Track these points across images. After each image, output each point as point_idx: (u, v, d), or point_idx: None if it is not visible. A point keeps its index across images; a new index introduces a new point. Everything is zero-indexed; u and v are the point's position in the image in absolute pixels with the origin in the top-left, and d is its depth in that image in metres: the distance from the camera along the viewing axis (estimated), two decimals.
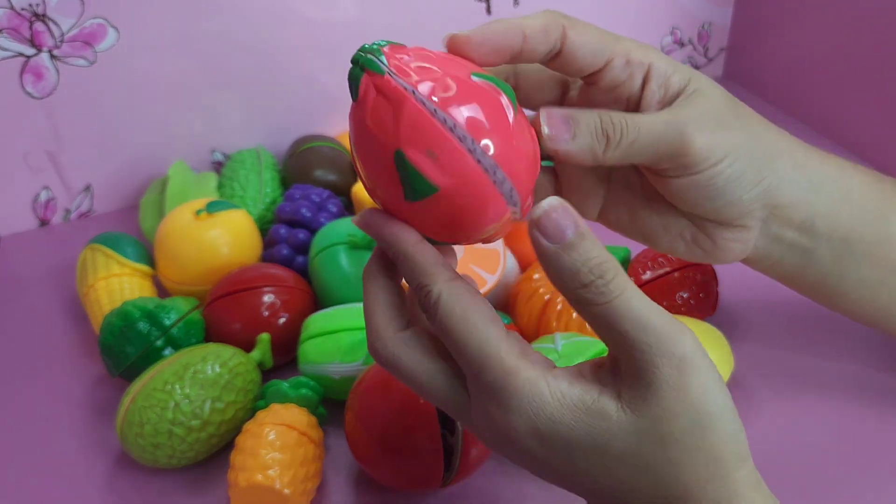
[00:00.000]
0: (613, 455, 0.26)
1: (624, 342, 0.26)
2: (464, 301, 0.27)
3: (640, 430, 0.26)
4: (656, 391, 0.25)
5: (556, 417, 0.26)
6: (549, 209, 0.26)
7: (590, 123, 0.30)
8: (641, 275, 0.51)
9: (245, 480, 0.38)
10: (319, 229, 0.55)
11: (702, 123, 0.32)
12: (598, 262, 0.26)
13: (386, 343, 0.29)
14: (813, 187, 0.36)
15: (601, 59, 0.32)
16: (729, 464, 0.27)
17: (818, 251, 0.37)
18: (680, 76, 0.33)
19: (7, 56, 0.59)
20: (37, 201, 0.67)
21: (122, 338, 0.47)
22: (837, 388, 0.48)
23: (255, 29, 0.65)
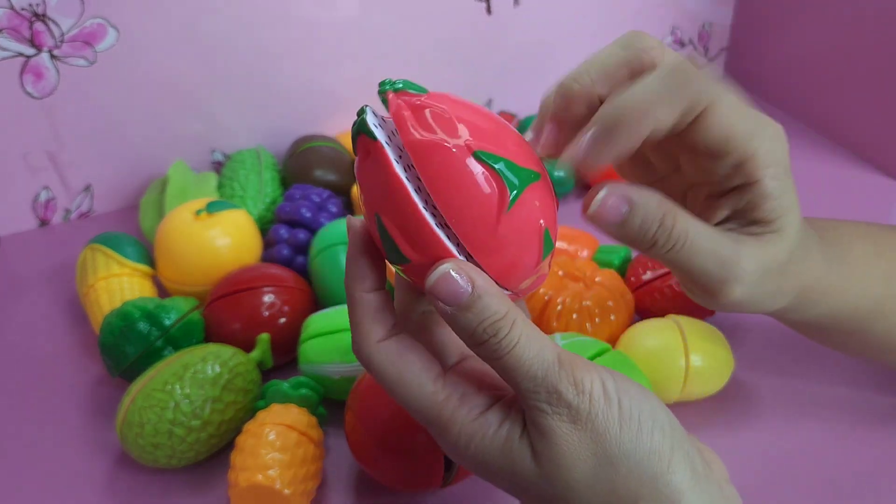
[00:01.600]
0: (535, 497, 0.27)
1: (519, 391, 0.27)
2: (393, 363, 0.28)
3: (549, 476, 0.26)
4: (550, 436, 0.26)
5: (491, 458, 0.27)
6: (442, 274, 0.26)
7: (648, 217, 0.28)
8: (642, 275, 0.51)
9: (245, 480, 0.38)
10: (319, 229, 0.55)
11: (757, 267, 0.30)
12: (491, 321, 0.26)
13: (369, 353, 0.29)
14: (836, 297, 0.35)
15: (720, 151, 0.29)
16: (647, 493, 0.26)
17: (816, 323, 0.36)
18: (776, 207, 0.30)
19: (7, 56, 0.59)
20: (37, 201, 0.67)
21: (122, 338, 0.47)
22: (838, 388, 0.48)
23: (255, 29, 0.65)
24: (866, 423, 0.45)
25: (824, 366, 0.49)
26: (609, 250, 0.55)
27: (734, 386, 0.47)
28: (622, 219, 0.28)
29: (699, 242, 0.29)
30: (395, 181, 0.25)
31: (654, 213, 0.28)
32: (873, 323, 0.37)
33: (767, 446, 0.44)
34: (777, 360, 0.50)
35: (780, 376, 0.49)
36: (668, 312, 0.50)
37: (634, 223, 0.28)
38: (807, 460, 0.43)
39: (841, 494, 0.42)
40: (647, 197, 0.28)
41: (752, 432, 0.45)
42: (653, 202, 0.28)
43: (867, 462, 0.43)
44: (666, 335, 0.45)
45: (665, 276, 0.51)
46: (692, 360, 0.44)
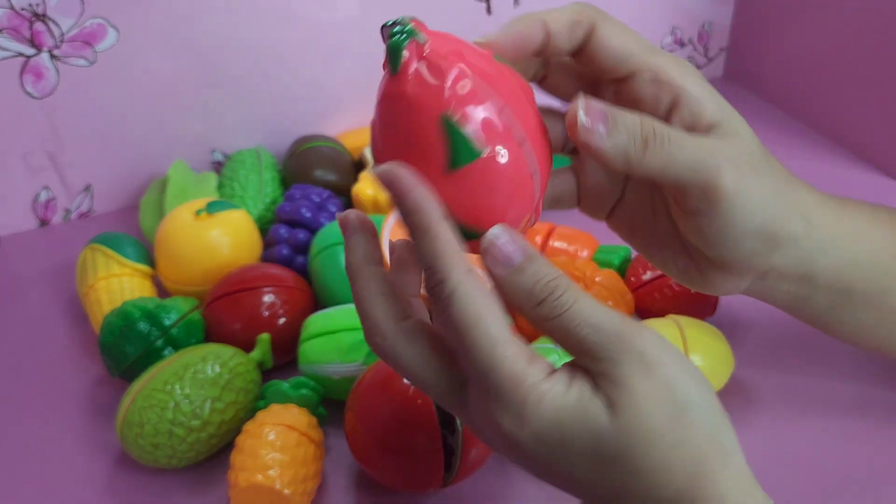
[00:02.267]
0: (607, 459, 0.26)
1: (585, 348, 0.26)
2: (478, 300, 0.26)
3: (627, 428, 0.26)
4: (627, 386, 0.26)
5: (556, 423, 0.26)
6: (493, 239, 0.27)
7: (630, 124, 0.28)
8: (642, 275, 0.51)
9: (245, 481, 0.38)
10: (319, 229, 0.55)
11: (737, 164, 0.30)
12: (547, 280, 0.26)
13: (386, 335, 0.28)
14: (821, 248, 0.34)
15: (626, 67, 0.30)
16: (714, 462, 0.26)
17: (814, 298, 0.36)
18: (716, 110, 0.30)
19: (7, 56, 0.59)
20: (37, 201, 0.67)
21: (122, 338, 0.47)
22: (838, 388, 0.48)
23: (255, 29, 0.65)
24: (867, 421, 0.45)
25: (824, 365, 0.49)
26: (609, 250, 0.55)
27: (734, 385, 0.47)
28: (608, 128, 0.28)
29: (689, 138, 0.29)
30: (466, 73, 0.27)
31: (636, 117, 0.29)
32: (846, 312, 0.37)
33: (767, 445, 0.44)
34: (777, 358, 0.50)
35: (780, 375, 0.49)
36: (668, 312, 0.50)
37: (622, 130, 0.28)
38: (807, 459, 0.43)
39: (841, 493, 0.42)
40: (624, 109, 0.29)
41: (752, 431, 0.45)
42: (630, 112, 0.29)
43: (868, 460, 0.43)
44: (666, 335, 0.45)
45: (665, 276, 0.51)
46: (692, 360, 0.44)
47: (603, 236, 0.56)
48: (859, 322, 0.38)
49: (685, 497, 0.26)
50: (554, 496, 0.42)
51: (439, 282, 0.27)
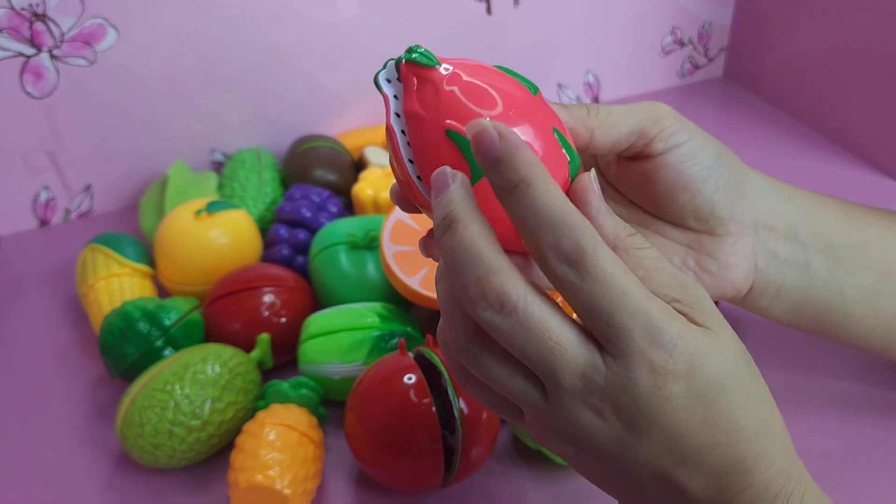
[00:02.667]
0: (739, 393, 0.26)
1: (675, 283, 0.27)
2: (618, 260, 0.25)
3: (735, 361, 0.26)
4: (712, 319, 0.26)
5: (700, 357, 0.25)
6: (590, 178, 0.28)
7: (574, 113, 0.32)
8: None
9: (245, 481, 0.38)
10: (319, 229, 0.55)
11: (673, 116, 0.35)
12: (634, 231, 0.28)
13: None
14: (784, 196, 0.38)
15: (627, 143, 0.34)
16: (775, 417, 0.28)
17: (812, 264, 0.39)
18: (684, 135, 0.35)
19: (7, 56, 0.59)
20: (37, 201, 0.67)
21: (122, 338, 0.47)
22: (838, 388, 0.48)
23: (255, 29, 0.65)
24: (866, 420, 0.45)
25: (823, 365, 0.49)
26: None
27: None
28: None
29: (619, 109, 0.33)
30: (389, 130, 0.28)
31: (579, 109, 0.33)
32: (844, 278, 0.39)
33: None
34: (776, 359, 0.50)
35: (779, 375, 0.49)
36: None
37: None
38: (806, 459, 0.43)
39: (841, 492, 0.42)
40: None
41: None
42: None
43: (867, 460, 0.43)
44: None
45: None
46: None
47: None
48: (861, 292, 0.40)
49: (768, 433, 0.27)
50: (553, 496, 0.42)
51: (575, 243, 0.24)
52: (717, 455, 0.26)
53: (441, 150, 0.27)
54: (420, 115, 0.27)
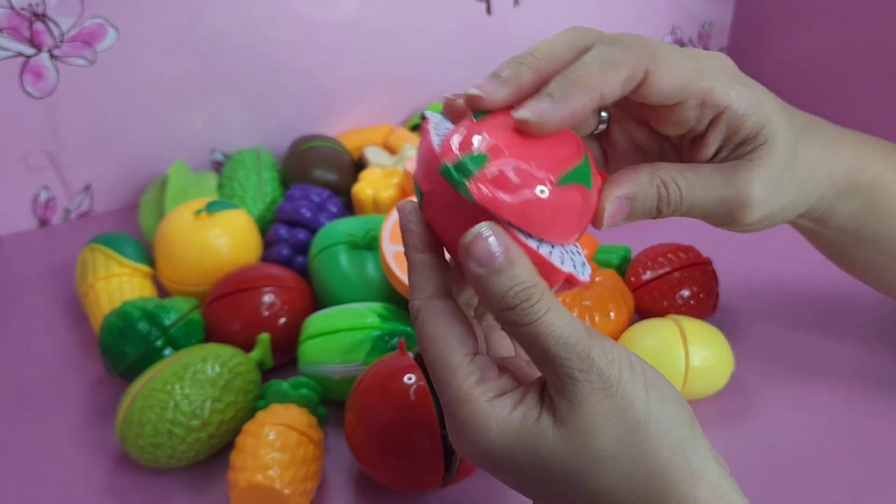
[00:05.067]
0: (558, 478, 0.27)
1: (547, 359, 0.26)
2: (437, 321, 0.28)
3: (576, 448, 0.26)
4: (580, 405, 0.26)
5: (499, 445, 0.27)
6: (478, 234, 0.26)
7: (647, 202, 0.31)
8: (642, 275, 0.51)
9: (245, 481, 0.38)
10: (319, 229, 0.55)
11: (762, 189, 0.32)
12: (524, 287, 0.26)
13: (420, 305, 0.29)
14: (839, 196, 0.38)
15: (676, 100, 0.31)
16: (681, 477, 0.26)
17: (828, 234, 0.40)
18: (755, 121, 0.32)
19: (7, 56, 0.59)
20: (37, 201, 0.67)
21: (121, 338, 0.47)
22: (838, 388, 0.48)
23: (255, 29, 0.65)
24: (867, 420, 0.45)
25: (824, 365, 0.49)
26: (609, 250, 0.55)
27: (734, 385, 0.47)
28: (627, 213, 0.31)
29: (696, 193, 0.32)
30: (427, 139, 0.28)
31: (653, 193, 0.31)
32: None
33: (767, 445, 0.44)
34: (777, 359, 0.50)
35: (780, 376, 0.49)
36: (668, 312, 0.50)
37: (638, 210, 0.31)
38: (807, 459, 0.43)
39: (842, 492, 0.42)
40: (641, 179, 0.31)
41: (751, 432, 0.45)
42: (646, 180, 0.31)
43: (867, 460, 0.43)
44: (666, 335, 0.45)
45: (665, 276, 0.51)
46: (692, 360, 0.44)
47: (603, 236, 0.56)
48: (870, 261, 0.40)
49: None
50: None
51: (411, 304, 0.29)
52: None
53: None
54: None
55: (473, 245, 0.26)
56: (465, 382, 0.27)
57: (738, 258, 0.56)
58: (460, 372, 0.27)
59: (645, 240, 0.55)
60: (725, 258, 0.54)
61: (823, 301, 0.54)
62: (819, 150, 0.36)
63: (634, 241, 0.56)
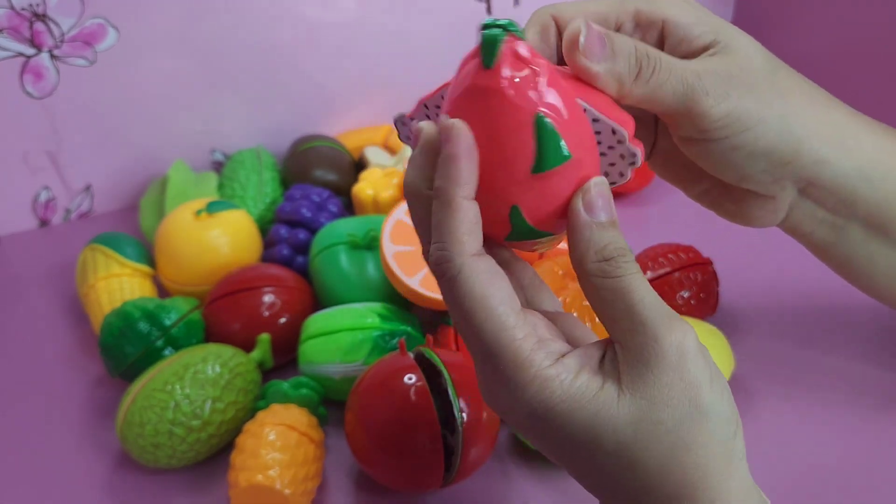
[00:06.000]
0: (606, 448, 0.26)
1: (630, 317, 0.26)
2: (485, 281, 0.26)
3: (637, 416, 0.25)
4: (654, 368, 0.25)
5: (559, 411, 0.26)
6: (595, 186, 0.26)
7: (625, 48, 0.28)
8: None
9: (245, 481, 0.38)
10: (319, 229, 0.55)
11: (723, 83, 0.30)
12: (622, 245, 0.26)
13: (463, 263, 0.26)
14: (863, 176, 0.34)
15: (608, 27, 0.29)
16: (721, 471, 0.26)
17: (850, 231, 0.36)
18: (703, 29, 0.30)
19: (7, 56, 0.59)
20: (37, 201, 0.67)
21: (122, 338, 0.47)
22: (838, 389, 0.48)
23: (255, 29, 0.65)
24: (867, 420, 0.45)
25: (824, 365, 0.49)
26: None
27: (734, 385, 0.47)
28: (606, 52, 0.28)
29: (679, 63, 0.29)
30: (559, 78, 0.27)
31: (630, 42, 0.29)
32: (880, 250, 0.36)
33: (767, 445, 0.44)
34: (777, 359, 0.50)
35: (780, 375, 0.49)
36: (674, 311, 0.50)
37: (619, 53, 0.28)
38: (807, 458, 0.43)
39: (842, 492, 0.42)
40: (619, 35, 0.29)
41: (752, 431, 0.45)
42: (625, 37, 0.29)
43: (867, 460, 0.43)
44: None
45: (665, 276, 0.51)
46: None
47: None
48: (890, 265, 0.37)
49: (679, 500, 0.26)
50: (554, 496, 0.42)
51: (446, 259, 0.26)
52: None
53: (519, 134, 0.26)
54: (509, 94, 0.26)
55: (594, 194, 0.26)
56: (524, 345, 0.26)
57: (738, 258, 0.56)
58: (518, 334, 0.26)
59: (645, 240, 0.55)
60: (725, 258, 0.54)
61: (823, 301, 0.54)
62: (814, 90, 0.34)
63: (634, 241, 0.56)
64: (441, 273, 0.26)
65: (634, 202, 0.66)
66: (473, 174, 0.26)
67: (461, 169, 0.26)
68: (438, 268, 0.26)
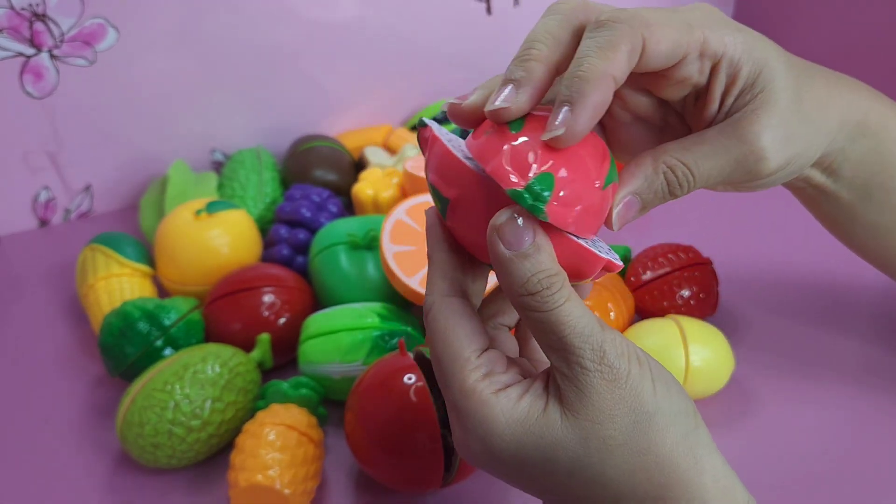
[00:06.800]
0: (563, 468, 0.27)
1: (561, 347, 0.27)
2: (448, 317, 0.29)
3: (584, 435, 0.26)
4: (590, 393, 0.26)
5: (506, 436, 0.27)
6: (511, 217, 0.26)
7: (657, 192, 0.31)
8: (642, 275, 0.51)
9: (245, 481, 0.38)
10: (319, 229, 0.55)
11: (773, 135, 0.31)
12: (546, 274, 0.26)
13: (433, 301, 0.29)
14: (850, 138, 0.37)
15: (676, 58, 0.30)
16: (686, 467, 0.27)
17: (838, 191, 0.38)
18: (749, 68, 0.31)
19: (7, 56, 0.59)
20: (37, 201, 0.67)
21: (121, 338, 0.47)
22: (838, 388, 0.48)
23: (255, 29, 0.65)
24: (866, 420, 0.45)
25: (824, 365, 0.49)
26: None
27: (734, 385, 0.47)
28: (639, 208, 0.31)
29: (706, 165, 0.31)
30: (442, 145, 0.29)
31: (659, 183, 0.31)
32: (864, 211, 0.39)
33: (767, 445, 0.44)
34: (777, 359, 0.50)
35: (780, 376, 0.49)
36: (668, 312, 0.50)
37: (650, 202, 0.31)
38: (807, 459, 0.43)
39: (841, 492, 0.42)
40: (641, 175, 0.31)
41: (751, 432, 0.45)
42: (648, 171, 0.31)
43: (867, 460, 0.43)
44: (666, 335, 0.45)
45: (665, 276, 0.51)
46: (692, 360, 0.44)
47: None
48: (874, 225, 0.39)
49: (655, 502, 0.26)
50: None
51: (425, 299, 0.30)
52: None
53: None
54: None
55: (504, 227, 0.26)
56: (471, 376, 0.28)
57: (738, 258, 0.56)
58: (468, 366, 0.28)
59: (645, 240, 0.55)
60: (725, 258, 0.54)
61: (824, 301, 0.54)
62: (823, 89, 0.35)
63: (634, 241, 0.56)
64: (424, 313, 0.30)
65: None
66: (438, 234, 0.30)
67: (431, 236, 0.30)
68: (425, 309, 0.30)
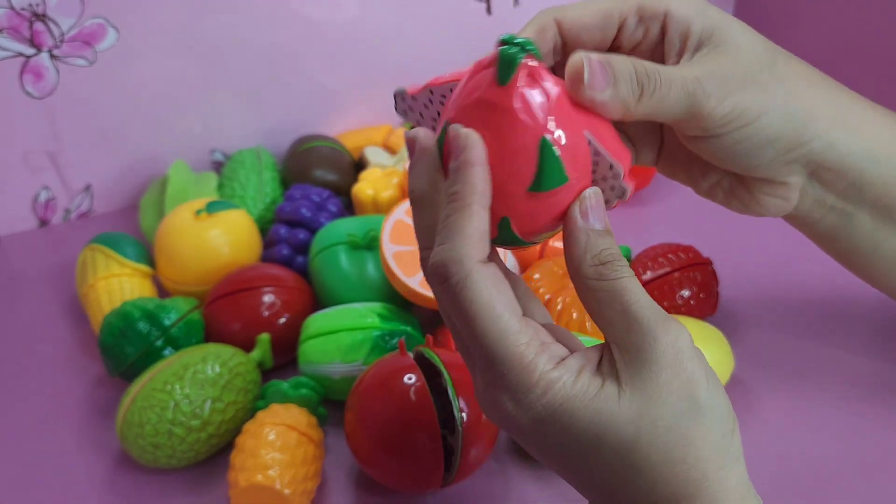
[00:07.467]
0: (609, 448, 0.26)
1: (626, 318, 0.26)
2: (491, 288, 0.26)
3: (637, 414, 0.26)
4: (652, 365, 0.26)
5: (562, 411, 0.26)
6: (597, 197, 0.28)
7: (625, 71, 0.28)
8: (642, 275, 0.51)
9: (245, 481, 0.38)
10: (319, 229, 0.55)
11: (722, 83, 0.30)
12: (616, 252, 0.27)
13: (471, 269, 0.26)
14: (870, 157, 0.34)
15: (613, 27, 0.30)
16: (719, 468, 0.26)
17: (859, 217, 0.36)
18: (702, 23, 0.31)
19: (7, 56, 0.59)
20: (37, 201, 0.67)
21: (121, 338, 0.47)
22: (838, 388, 0.48)
23: (255, 29, 0.65)
24: (866, 421, 0.45)
25: (824, 365, 0.49)
26: None
27: (734, 386, 0.47)
28: (609, 79, 0.28)
29: (676, 73, 0.30)
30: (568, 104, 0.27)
31: (629, 64, 0.29)
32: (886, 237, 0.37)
33: (767, 446, 0.44)
34: (777, 360, 0.50)
35: (780, 376, 0.49)
36: (668, 312, 0.50)
37: (621, 79, 0.28)
38: (806, 459, 0.43)
39: (841, 492, 0.42)
40: (617, 56, 0.29)
41: (751, 432, 0.45)
42: (623, 58, 0.29)
43: (867, 460, 0.43)
44: None
45: (665, 276, 0.51)
46: None
47: None
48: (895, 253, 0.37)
49: (683, 498, 0.26)
50: (554, 496, 0.42)
51: (455, 262, 0.26)
52: None
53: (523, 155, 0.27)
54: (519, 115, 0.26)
55: (591, 201, 0.27)
56: (528, 350, 0.26)
57: (738, 258, 0.56)
58: (521, 339, 0.26)
59: (645, 240, 0.55)
60: (725, 258, 0.54)
61: (824, 301, 0.54)
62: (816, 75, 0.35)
63: (634, 241, 0.56)
64: (445, 276, 0.27)
65: (634, 202, 0.66)
66: (488, 184, 0.27)
67: (478, 176, 0.27)
68: (443, 270, 0.27)
